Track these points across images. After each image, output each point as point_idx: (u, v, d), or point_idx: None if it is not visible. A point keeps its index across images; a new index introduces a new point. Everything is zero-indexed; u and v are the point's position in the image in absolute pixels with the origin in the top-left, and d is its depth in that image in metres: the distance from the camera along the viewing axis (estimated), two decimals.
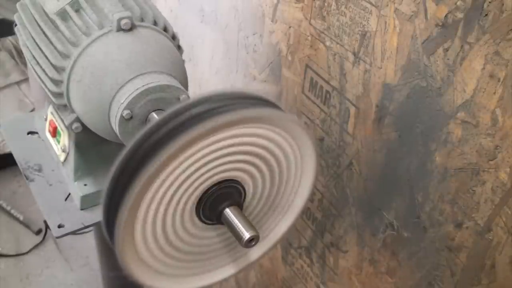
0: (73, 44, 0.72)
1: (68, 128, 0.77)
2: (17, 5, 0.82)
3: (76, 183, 0.86)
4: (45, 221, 1.54)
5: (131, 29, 0.72)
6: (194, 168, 0.56)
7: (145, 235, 0.58)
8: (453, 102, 0.72)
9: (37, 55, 0.76)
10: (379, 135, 0.86)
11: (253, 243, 0.59)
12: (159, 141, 0.52)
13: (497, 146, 0.68)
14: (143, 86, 0.68)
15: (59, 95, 0.75)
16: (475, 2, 0.65)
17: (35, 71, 0.77)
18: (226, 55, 1.24)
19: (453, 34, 0.69)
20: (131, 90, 0.68)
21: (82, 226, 0.84)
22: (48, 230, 1.94)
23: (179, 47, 0.80)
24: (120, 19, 0.71)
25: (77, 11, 0.75)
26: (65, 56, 0.73)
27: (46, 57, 0.74)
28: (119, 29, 0.71)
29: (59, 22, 0.74)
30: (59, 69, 0.73)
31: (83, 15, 0.75)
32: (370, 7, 0.80)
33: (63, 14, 0.75)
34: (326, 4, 0.88)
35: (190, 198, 0.59)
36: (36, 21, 0.78)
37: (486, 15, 0.64)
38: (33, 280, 1.83)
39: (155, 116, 0.69)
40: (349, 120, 0.91)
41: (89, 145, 0.84)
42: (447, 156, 0.75)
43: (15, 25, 0.82)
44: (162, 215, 0.58)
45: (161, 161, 0.50)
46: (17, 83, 2.37)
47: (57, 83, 0.74)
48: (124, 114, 0.68)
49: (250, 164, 0.61)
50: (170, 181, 0.55)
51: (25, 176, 0.91)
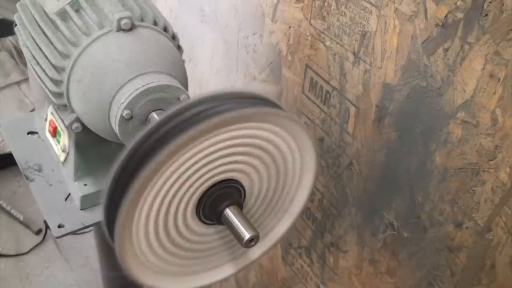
0: (73, 44, 0.72)
1: (68, 128, 0.77)
2: (17, 5, 0.82)
3: (76, 183, 0.86)
4: (45, 221, 1.54)
5: (131, 29, 0.72)
6: (194, 168, 0.56)
7: (145, 235, 0.58)
8: (453, 102, 0.72)
9: (37, 55, 0.76)
10: (379, 135, 0.86)
11: (253, 243, 0.59)
12: (159, 141, 0.52)
13: (497, 146, 0.68)
14: (143, 86, 0.68)
15: (59, 95, 0.75)
16: (475, 2, 0.65)
17: (35, 71, 0.77)
18: (226, 55, 1.24)
19: (453, 34, 0.69)
20: (131, 90, 0.68)
21: (82, 226, 0.84)
22: (48, 230, 1.94)
23: (179, 47, 0.80)
24: (120, 19, 0.71)
25: (77, 11, 0.75)
26: (65, 56, 0.73)
27: (46, 57, 0.74)
28: (119, 29, 0.71)
29: (59, 22, 0.74)
30: (59, 69, 0.73)
31: (83, 15, 0.75)
32: (370, 7, 0.80)
33: (63, 14, 0.75)
34: (326, 4, 0.88)
35: (190, 198, 0.59)
36: (36, 21, 0.78)
37: (486, 15, 0.64)
38: (33, 280, 1.83)
39: (155, 116, 0.69)
40: (349, 120, 0.91)
41: (89, 145, 0.84)
42: (447, 156, 0.75)
43: (15, 25, 0.82)
44: (162, 215, 0.58)
45: (161, 161, 0.50)
46: (17, 83, 2.37)
47: (57, 83, 0.74)
48: (124, 114, 0.68)
49: (250, 164, 0.61)
50: (170, 181, 0.55)
51: (25, 176, 0.90)
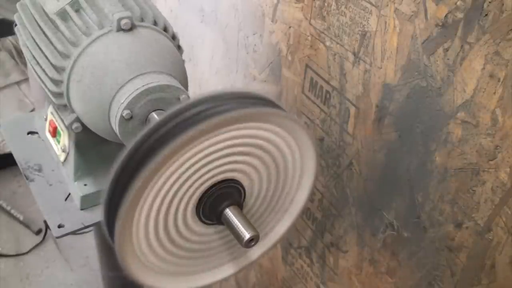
0: (73, 44, 0.72)
1: (68, 128, 0.77)
2: (17, 5, 0.82)
3: (76, 183, 0.86)
4: (45, 221, 1.54)
5: (131, 29, 0.72)
6: (194, 168, 0.56)
7: (145, 235, 0.58)
8: (453, 102, 0.72)
9: (37, 55, 0.76)
10: (379, 135, 0.86)
11: (253, 243, 0.59)
12: (159, 141, 0.52)
13: (497, 146, 0.68)
14: (143, 86, 0.68)
15: (59, 95, 0.75)
16: (475, 2, 0.65)
17: (35, 71, 0.77)
18: (226, 55, 1.24)
19: (453, 34, 0.69)
20: (131, 90, 0.68)
21: (82, 226, 0.84)
22: (48, 230, 1.94)
23: (179, 47, 0.80)
24: (120, 19, 0.71)
25: (77, 11, 0.75)
26: (65, 56, 0.73)
27: (46, 57, 0.74)
28: (119, 29, 0.71)
29: (59, 22, 0.74)
30: (59, 69, 0.73)
31: (83, 15, 0.75)
32: (370, 7, 0.80)
33: (63, 14, 0.75)
34: (326, 4, 0.88)
35: (190, 198, 0.59)
36: (36, 21, 0.78)
37: (486, 15, 0.64)
38: (33, 280, 1.83)
39: (155, 116, 0.69)
40: (349, 120, 0.91)
41: (89, 145, 0.84)
42: (447, 156, 0.75)
43: (15, 25, 0.82)
44: (162, 215, 0.58)
45: (160, 161, 0.50)
46: (17, 83, 2.37)
47: (57, 83, 0.74)
48: (124, 114, 0.68)
49: (250, 164, 0.61)
50: (170, 181, 0.55)
51: (25, 176, 0.90)
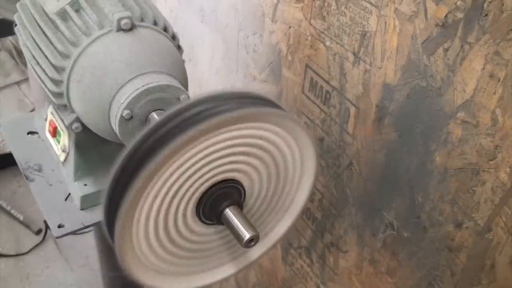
0: (73, 44, 0.72)
1: (68, 128, 0.77)
2: (17, 5, 0.82)
3: (76, 183, 0.86)
4: (45, 221, 1.54)
5: (131, 29, 0.72)
6: (194, 168, 0.56)
7: (145, 235, 0.58)
8: (453, 102, 0.72)
9: (37, 55, 0.76)
10: (379, 135, 0.86)
11: (253, 243, 0.59)
12: (159, 142, 0.52)
13: (497, 146, 0.68)
14: (143, 86, 0.68)
15: (59, 95, 0.75)
16: (475, 2, 0.65)
17: (35, 71, 0.77)
18: (226, 55, 1.24)
19: (453, 34, 0.69)
20: (131, 90, 0.68)
21: (82, 226, 0.84)
22: (48, 230, 1.94)
23: (179, 47, 0.80)
24: (120, 19, 0.71)
25: (77, 11, 0.75)
26: (65, 56, 0.73)
27: (46, 57, 0.74)
28: (119, 29, 0.71)
29: (59, 22, 0.74)
30: (59, 69, 0.73)
31: (83, 15, 0.75)
32: (370, 7, 0.80)
33: (63, 14, 0.75)
34: (326, 4, 0.88)
35: (190, 198, 0.59)
36: (36, 21, 0.78)
37: (486, 15, 0.64)
38: (33, 280, 1.83)
39: (155, 116, 0.69)
40: (349, 120, 0.91)
41: (89, 145, 0.84)
42: (447, 156, 0.75)
43: (15, 25, 0.82)
44: (162, 215, 0.58)
45: (160, 161, 0.50)
46: (17, 83, 2.37)
47: (57, 83, 0.74)
48: (124, 114, 0.68)
49: (250, 164, 0.61)
50: (170, 181, 0.55)
51: (25, 176, 0.90)
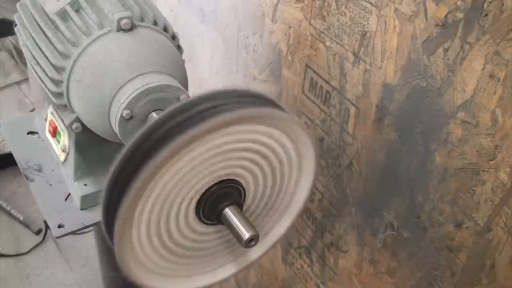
0: (73, 44, 0.72)
1: (68, 128, 0.77)
2: (17, 5, 0.82)
3: (76, 183, 0.86)
4: (45, 221, 1.54)
5: (131, 29, 0.72)
6: (194, 168, 0.56)
7: (145, 235, 0.58)
8: (453, 102, 0.72)
9: (37, 55, 0.76)
10: (379, 135, 0.86)
11: (253, 243, 0.59)
12: (158, 141, 0.52)
13: (497, 146, 0.68)
14: (143, 86, 0.68)
15: (59, 95, 0.75)
16: (475, 2, 0.65)
17: (35, 71, 0.77)
18: (226, 55, 1.24)
19: (453, 34, 0.69)
20: (131, 90, 0.68)
21: (82, 226, 0.84)
22: (48, 230, 1.94)
23: (179, 47, 0.80)
24: (120, 19, 0.71)
25: (77, 11, 0.75)
26: (65, 56, 0.73)
27: (46, 57, 0.74)
28: (119, 29, 0.71)
29: (59, 22, 0.74)
30: (59, 69, 0.73)
31: (83, 15, 0.75)
32: (370, 7, 0.80)
33: (63, 14, 0.75)
34: (326, 4, 0.88)
35: (190, 198, 0.59)
36: (36, 21, 0.78)
37: (486, 15, 0.64)
38: (33, 280, 1.83)
39: (155, 116, 0.69)
40: (349, 120, 0.91)
41: (89, 145, 0.84)
42: (447, 156, 0.75)
43: (15, 25, 0.82)
44: (162, 215, 0.58)
45: (160, 161, 0.50)
46: (17, 83, 2.37)
47: (57, 83, 0.74)
48: (124, 114, 0.68)
49: (249, 164, 0.61)
50: (169, 181, 0.55)
51: (25, 176, 0.90)
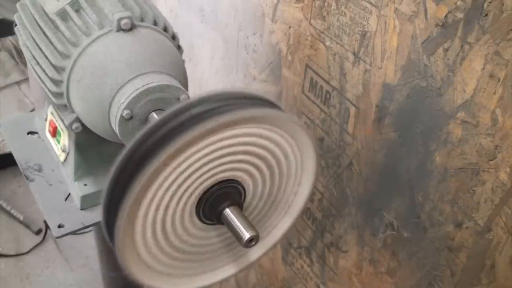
0: (73, 44, 0.72)
1: (68, 128, 0.77)
2: (17, 5, 0.82)
3: (76, 183, 0.86)
4: (45, 221, 1.54)
5: (131, 29, 0.72)
6: (194, 168, 0.56)
7: (145, 235, 0.58)
8: (453, 102, 0.72)
9: (37, 55, 0.76)
10: (379, 135, 0.86)
11: (253, 243, 0.59)
12: (159, 142, 0.52)
13: (497, 146, 0.68)
14: (143, 86, 0.68)
15: (59, 95, 0.75)
16: (475, 2, 0.65)
17: (35, 71, 0.77)
18: (226, 55, 1.24)
19: (453, 34, 0.69)
20: (131, 90, 0.68)
21: (82, 226, 0.84)
22: (48, 230, 1.94)
23: (179, 47, 0.80)
24: (120, 19, 0.71)
25: (77, 11, 0.75)
26: (65, 56, 0.73)
27: (46, 57, 0.74)
28: (119, 29, 0.71)
29: (59, 22, 0.74)
30: (59, 69, 0.73)
31: (83, 15, 0.75)
32: (370, 7, 0.80)
33: (63, 14, 0.75)
34: (326, 4, 0.88)
35: (190, 198, 0.59)
36: (36, 21, 0.78)
37: (486, 15, 0.64)
38: (33, 280, 1.83)
39: (155, 116, 0.69)
40: (349, 120, 0.91)
41: (89, 145, 0.84)
42: (447, 156, 0.75)
43: (15, 25, 0.82)
44: (162, 215, 0.58)
45: (160, 162, 0.50)
46: (17, 83, 2.37)
47: (57, 83, 0.74)
48: (124, 114, 0.68)
49: (250, 164, 0.61)
50: (170, 181, 0.55)
51: (25, 176, 0.90)
